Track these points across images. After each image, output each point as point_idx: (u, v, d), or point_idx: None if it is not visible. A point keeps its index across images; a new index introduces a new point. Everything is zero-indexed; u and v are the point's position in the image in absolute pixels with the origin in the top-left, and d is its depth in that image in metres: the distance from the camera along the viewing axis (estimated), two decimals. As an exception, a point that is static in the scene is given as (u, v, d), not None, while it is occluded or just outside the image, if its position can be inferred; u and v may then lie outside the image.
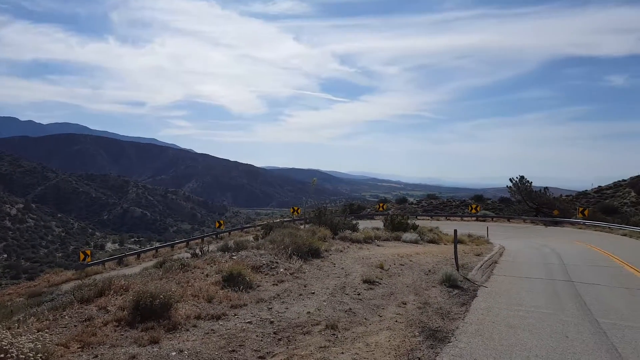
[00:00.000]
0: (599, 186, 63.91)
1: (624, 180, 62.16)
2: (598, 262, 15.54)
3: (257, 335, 6.11)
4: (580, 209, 41.72)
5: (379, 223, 28.37)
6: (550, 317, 7.66)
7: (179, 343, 5.73)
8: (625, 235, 30.67)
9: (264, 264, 10.13)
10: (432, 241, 21.15)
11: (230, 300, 7.60)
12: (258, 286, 8.76)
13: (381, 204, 54.12)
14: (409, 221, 25.30)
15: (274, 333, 6.25)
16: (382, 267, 11.45)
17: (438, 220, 45.86)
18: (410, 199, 79.49)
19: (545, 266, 13.99)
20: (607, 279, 11.79)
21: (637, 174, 62.79)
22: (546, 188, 48.57)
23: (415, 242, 19.66)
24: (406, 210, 55.38)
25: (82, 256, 29.74)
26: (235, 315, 6.95)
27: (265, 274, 9.65)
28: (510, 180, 47.60)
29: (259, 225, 37.72)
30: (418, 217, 46.35)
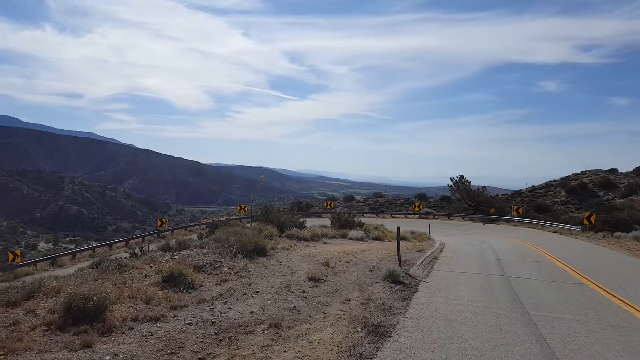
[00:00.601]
0: (533, 186, 67.87)
1: (555, 181, 66.41)
2: (531, 257, 16.44)
3: (197, 337, 5.95)
4: (515, 207, 44.07)
5: (326, 221, 28.60)
6: (485, 310, 8.00)
7: (113, 346, 5.47)
8: (555, 232, 32.71)
9: (207, 264, 9.89)
10: (377, 238, 21.58)
11: (170, 301, 7.35)
12: (200, 286, 8.54)
13: (329, 202, 54.62)
14: (355, 219, 25.66)
15: (216, 334, 6.11)
16: (327, 265, 11.51)
17: (383, 217, 46.89)
18: (358, 197, 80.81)
19: (482, 261, 14.63)
20: (539, 274, 12.48)
21: (567, 175, 67.30)
22: (484, 187, 50.94)
23: (361, 239, 19.99)
24: (353, 208, 56.18)
25: (11, 256, 27.83)
26: (175, 316, 6.73)
27: (208, 274, 9.43)
28: (451, 179, 49.49)
29: (203, 224, 36.96)
30: (364, 215, 47.16)
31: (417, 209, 49.44)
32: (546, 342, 6.31)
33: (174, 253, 10.74)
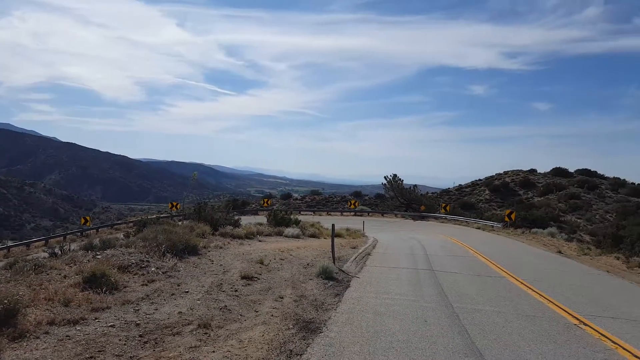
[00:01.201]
0: (460, 185, 71.50)
1: (480, 180, 70.39)
2: (456, 252, 17.31)
3: (120, 339, 5.67)
4: (444, 205, 46.19)
5: (262, 219, 28.39)
6: (412, 303, 8.30)
7: (25, 352, 5.08)
8: (479, 228, 34.66)
9: (132, 263, 9.46)
10: (313, 235, 21.74)
11: (91, 303, 6.95)
12: (125, 287, 8.15)
13: (266, 200, 54.35)
14: (291, 216, 25.70)
15: (140, 336, 5.85)
16: (262, 263, 11.43)
17: (320, 215, 47.36)
18: (295, 195, 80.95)
19: (412, 257, 15.19)
20: (463, 268, 13.16)
21: (491, 174, 71.55)
22: (415, 186, 53.00)
23: (297, 236, 20.03)
24: (290, 205, 56.23)
25: None
26: (96, 319, 6.37)
27: (134, 274, 9.02)
28: (385, 178, 51.00)
29: (131, 222, 35.43)
30: (301, 213, 47.36)
31: (352, 206, 50.41)
32: (467, 332, 6.64)
33: (97, 252, 10.17)
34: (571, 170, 70.94)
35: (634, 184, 63.84)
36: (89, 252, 10.34)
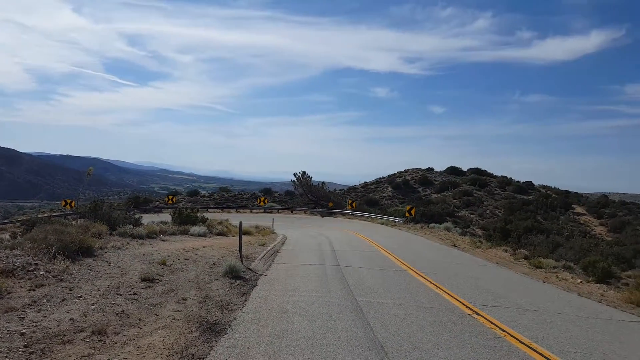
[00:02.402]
0: (365, 182, 74.41)
1: (383, 177, 73.84)
2: (361, 247, 17.98)
3: (1, 351, 5.12)
4: (350, 201, 47.77)
5: (167, 217, 27.25)
6: (319, 299, 8.47)
7: None
8: (383, 224, 36.34)
9: (18, 267, 8.58)
10: (220, 234, 21.32)
11: (-35, 313, 6.20)
12: (9, 293, 7.37)
13: (171, 197, 52.23)
14: (198, 214, 24.96)
15: (25, 346, 5.33)
16: (164, 263, 10.97)
17: (229, 212, 46.51)
18: (203, 192, 78.80)
19: (319, 253, 15.52)
20: (367, 262, 13.71)
21: (393, 172, 75.38)
22: (323, 183, 54.16)
23: (204, 235, 19.52)
24: (198, 203, 54.62)
25: None
26: (-28, 331, 5.70)
27: (20, 278, 8.19)
28: (294, 175, 51.50)
29: (19, 221, 32.13)
30: (209, 210, 46.23)
31: (262, 203, 50.21)
32: (370, 326, 6.91)
33: (-26, 257, 9.07)
34: (464, 169, 77.12)
35: (519, 182, 71.10)
36: (-37, 256, 9.18)
